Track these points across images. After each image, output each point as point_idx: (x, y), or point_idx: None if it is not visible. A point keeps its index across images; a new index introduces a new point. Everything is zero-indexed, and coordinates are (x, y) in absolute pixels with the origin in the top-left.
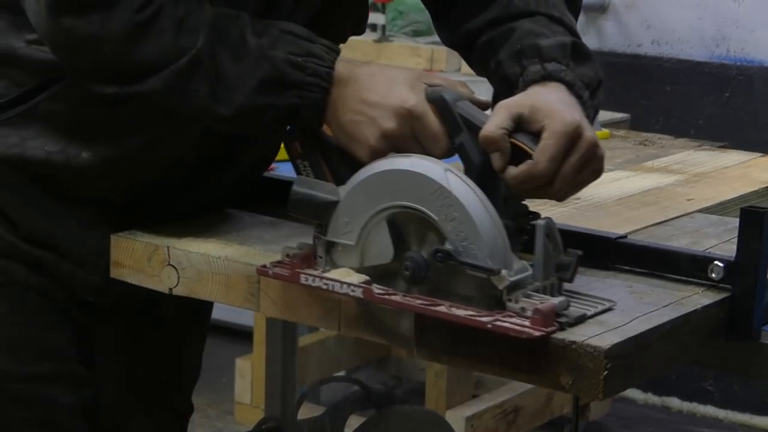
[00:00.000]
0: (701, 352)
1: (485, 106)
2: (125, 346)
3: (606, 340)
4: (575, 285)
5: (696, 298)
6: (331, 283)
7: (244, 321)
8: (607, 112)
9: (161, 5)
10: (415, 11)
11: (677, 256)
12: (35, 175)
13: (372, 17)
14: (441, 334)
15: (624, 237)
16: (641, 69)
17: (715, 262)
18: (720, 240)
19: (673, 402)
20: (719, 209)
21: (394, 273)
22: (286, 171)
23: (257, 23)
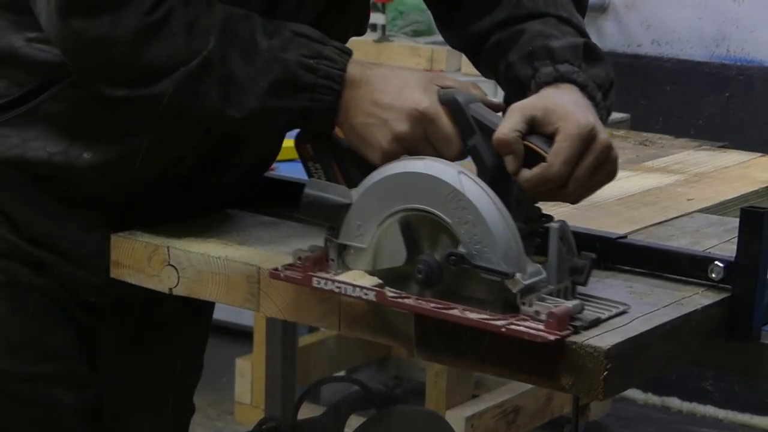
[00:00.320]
0: (701, 352)
1: (498, 108)
2: (127, 346)
3: (606, 340)
4: (587, 288)
5: (696, 298)
6: (344, 287)
7: (244, 321)
8: None
9: (172, 7)
10: (415, 11)
11: (677, 256)
12: (36, 176)
13: (372, 17)
14: (441, 334)
15: (624, 237)
16: (641, 69)
17: (715, 262)
18: (720, 240)
19: (673, 402)
20: (719, 209)
21: (406, 276)
22: (286, 171)
23: (268, 24)
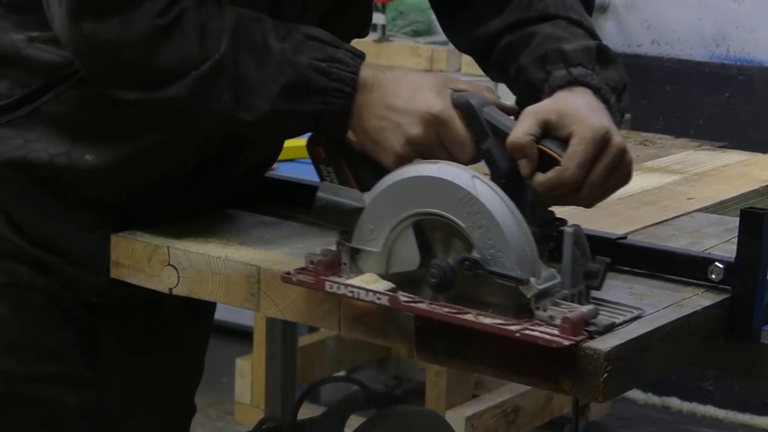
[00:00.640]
0: (701, 353)
1: (511, 111)
2: (127, 346)
3: (605, 342)
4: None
5: (696, 299)
6: (357, 291)
7: (244, 321)
8: None
9: (183, 9)
10: (415, 11)
11: (677, 257)
12: (38, 178)
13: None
14: (441, 336)
15: (624, 238)
16: (641, 69)
17: (715, 263)
18: (720, 240)
19: (673, 402)
20: (719, 208)
21: (419, 280)
22: (286, 171)
23: (281, 27)
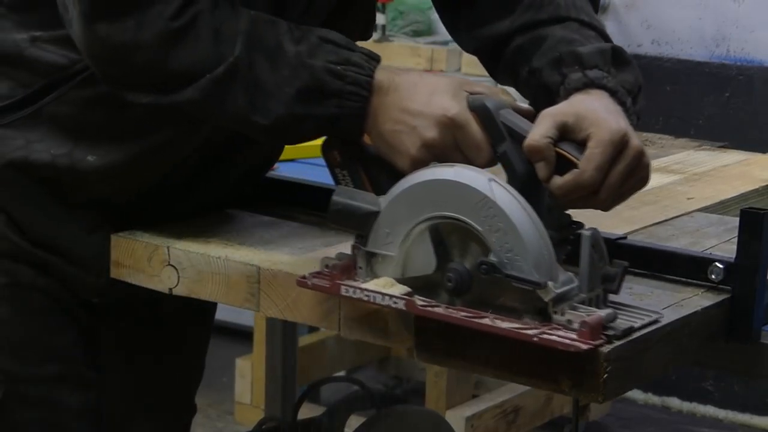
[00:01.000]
0: (701, 353)
1: (527, 113)
2: (128, 347)
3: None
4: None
5: (696, 299)
6: (373, 295)
7: (244, 321)
8: None
9: (198, 12)
10: (415, 11)
11: (677, 257)
12: (39, 178)
13: None
14: (440, 336)
15: (624, 238)
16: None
17: (715, 263)
18: (720, 240)
19: (673, 402)
20: (719, 208)
21: (435, 284)
22: (286, 171)
23: (296, 30)
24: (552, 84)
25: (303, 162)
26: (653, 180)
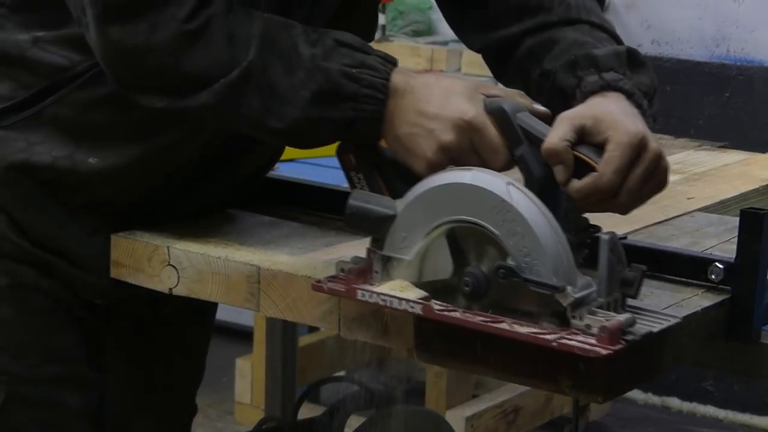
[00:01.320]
0: (701, 353)
1: (544, 116)
2: (130, 347)
3: None
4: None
5: (696, 299)
6: (389, 299)
7: (244, 321)
8: None
9: (211, 15)
10: (415, 11)
11: (677, 257)
12: (40, 180)
13: None
14: (440, 336)
15: (624, 238)
16: None
17: (715, 263)
18: (720, 240)
19: (673, 402)
20: (719, 208)
21: (452, 288)
22: (286, 171)
23: (311, 32)
24: (567, 87)
25: (303, 162)
26: None
